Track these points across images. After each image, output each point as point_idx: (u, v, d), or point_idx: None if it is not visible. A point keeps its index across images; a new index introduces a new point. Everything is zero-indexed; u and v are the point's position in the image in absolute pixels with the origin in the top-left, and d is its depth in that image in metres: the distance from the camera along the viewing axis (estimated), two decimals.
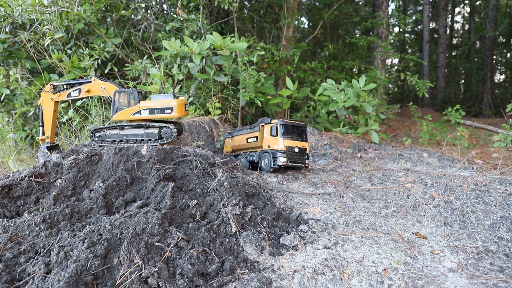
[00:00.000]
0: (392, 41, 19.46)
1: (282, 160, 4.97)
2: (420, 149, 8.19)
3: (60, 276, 2.72)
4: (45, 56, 8.14)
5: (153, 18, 10.10)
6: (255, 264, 3.29)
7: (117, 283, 2.77)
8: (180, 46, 7.51)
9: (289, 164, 5.03)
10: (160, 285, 2.78)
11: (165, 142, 5.03)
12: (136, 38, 9.81)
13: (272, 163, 5.07)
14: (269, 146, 5.23)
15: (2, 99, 8.66)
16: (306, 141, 5.35)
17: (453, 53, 28.23)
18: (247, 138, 5.72)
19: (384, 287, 3.02)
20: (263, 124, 5.49)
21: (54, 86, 5.37)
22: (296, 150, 5.15)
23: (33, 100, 8.43)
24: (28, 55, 8.36)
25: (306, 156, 5.31)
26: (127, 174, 4.15)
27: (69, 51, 8.61)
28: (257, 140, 5.49)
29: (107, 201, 3.81)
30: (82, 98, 7.66)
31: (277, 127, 5.15)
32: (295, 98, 9.23)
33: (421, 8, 26.27)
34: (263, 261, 3.34)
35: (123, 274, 2.81)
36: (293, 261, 3.35)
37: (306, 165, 5.31)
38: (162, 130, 5.09)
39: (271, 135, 5.20)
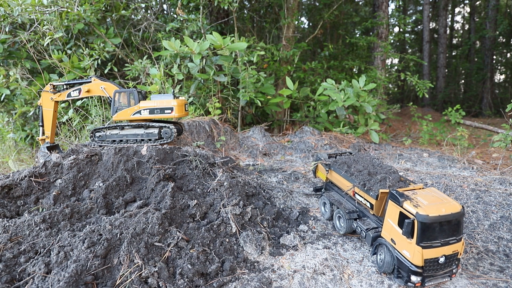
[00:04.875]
0: (392, 41, 19.47)
1: (413, 279, 2.97)
2: (420, 149, 8.18)
3: (60, 276, 2.72)
4: (45, 56, 8.14)
5: (153, 18, 10.10)
6: (255, 264, 3.29)
7: (117, 283, 2.77)
8: (180, 46, 7.52)
9: (425, 284, 3.02)
10: (160, 285, 2.78)
11: (165, 142, 5.04)
12: (136, 38, 9.81)
13: (395, 273, 3.12)
14: (393, 241, 3.15)
15: (2, 99, 8.66)
16: (461, 239, 3.04)
17: (453, 53, 28.24)
18: (355, 192, 3.86)
19: (384, 287, 3.02)
20: (384, 191, 3.40)
21: (54, 86, 5.37)
22: (442, 260, 2.96)
23: (33, 100, 8.43)
24: (28, 55, 8.36)
25: (455, 264, 3.07)
26: (127, 174, 4.15)
27: (69, 51, 8.61)
28: (371, 208, 3.59)
29: (107, 201, 3.81)
30: (82, 98, 7.66)
31: (413, 224, 2.92)
32: (295, 98, 9.23)
33: (421, 8, 26.27)
34: (263, 261, 3.34)
35: (123, 274, 2.81)
36: (293, 261, 3.35)
37: (453, 275, 3.11)
38: (162, 130, 5.09)
39: (401, 227, 3.06)
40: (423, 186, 3.37)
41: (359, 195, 3.77)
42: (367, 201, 3.63)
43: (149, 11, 11.09)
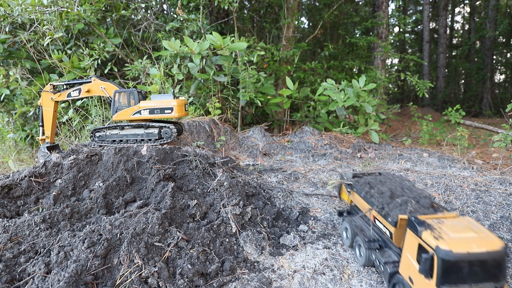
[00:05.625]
0: (392, 41, 19.47)
1: None
2: (420, 149, 8.18)
3: (60, 276, 2.72)
4: (45, 56, 8.15)
5: (153, 18, 10.10)
6: (255, 264, 3.29)
7: (117, 283, 2.77)
8: (180, 46, 7.52)
9: None
10: (160, 285, 2.78)
11: (165, 142, 5.04)
12: (136, 38, 9.82)
13: None
14: (411, 280, 2.50)
15: (2, 99, 8.66)
16: (503, 286, 2.27)
17: (453, 53, 28.25)
18: (375, 217, 3.28)
19: (384, 287, 3.02)
20: (404, 218, 2.73)
21: (54, 86, 5.37)
22: None
23: (33, 100, 8.44)
24: (28, 55, 8.36)
25: None
26: (127, 174, 4.15)
27: (69, 51, 8.61)
28: (391, 237, 2.95)
29: (107, 201, 3.81)
30: (82, 98, 7.66)
31: (433, 260, 2.24)
32: (295, 98, 9.23)
33: (421, 8, 26.29)
34: (263, 261, 3.34)
35: (123, 274, 2.81)
36: (293, 261, 3.35)
37: None
38: (162, 130, 5.09)
39: (419, 262, 2.38)
40: (457, 215, 2.68)
41: (379, 221, 3.12)
42: (387, 228, 2.97)
43: (149, 11, 11.09)
